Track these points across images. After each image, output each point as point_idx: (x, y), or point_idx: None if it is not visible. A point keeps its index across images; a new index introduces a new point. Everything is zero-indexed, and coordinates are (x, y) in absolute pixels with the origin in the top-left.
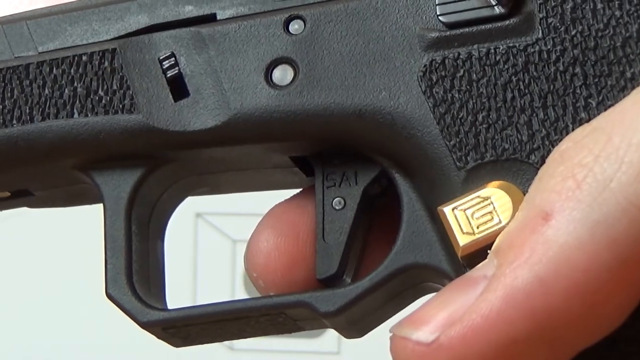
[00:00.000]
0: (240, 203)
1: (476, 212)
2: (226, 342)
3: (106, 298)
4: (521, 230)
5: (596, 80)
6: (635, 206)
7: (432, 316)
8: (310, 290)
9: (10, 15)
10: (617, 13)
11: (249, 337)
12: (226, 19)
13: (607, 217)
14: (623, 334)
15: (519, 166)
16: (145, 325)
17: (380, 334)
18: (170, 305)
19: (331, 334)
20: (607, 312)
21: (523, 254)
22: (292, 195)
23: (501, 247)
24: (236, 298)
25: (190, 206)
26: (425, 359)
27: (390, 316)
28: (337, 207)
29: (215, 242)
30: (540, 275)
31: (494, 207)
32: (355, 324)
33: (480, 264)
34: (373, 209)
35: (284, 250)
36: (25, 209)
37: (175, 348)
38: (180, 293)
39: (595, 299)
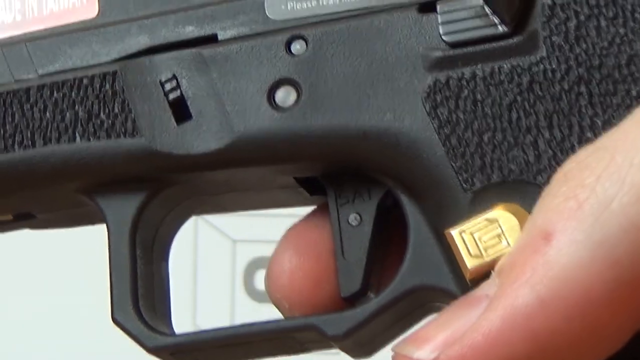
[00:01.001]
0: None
1: (484, 235)
2: None
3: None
4: (523, 250)
5: (601, 99)
6: (636, 227)
7: (433, 335)
8: (317, 314)
9: (9, 37)
10: (622, 31)
11: (256, 359)
12: (227, 39)
13: (608, 238)
14: (625, 356)
15: (526, 187)
16: (153, 351)
17: None
18: (173, 306)
19: None
20: (609, 334)
21: (524, 273)
22: (307, 214)
23: (503, 267)
24: (236, 298)
25: None
26: None
27: (399, 335)
28: (353, 224)
29: (215, 242)
30: (541, 295)
31: (502, 230)
32: (363, 345)
33: (484, 283)
34: (389, 222)
35: (307, 270)
36: None
37: None
38: (180, 293)
39: (596, 320)
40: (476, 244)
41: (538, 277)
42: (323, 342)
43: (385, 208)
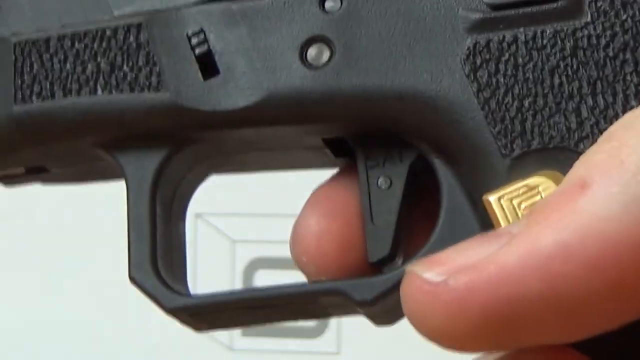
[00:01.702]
0: (240, 203)
1: (523, 201)
2: (226, 342)
3: (129, 282)
4: (557, 196)
5: None
6: None
7: (447, 259)
8: (344, 278)
9: None
10: None
11: (275, 322)
12: None
13: None
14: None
15: (567, 155)
16: (172, 311)
17: (381, 335)
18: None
19: (331, 334)
20: (629, 296)
21: (553, 217)
22: (332, 175)
23: (534, 210)
24: None
25: (190, 206)
26: (427, 298)
27: None
28: (383, 187)
29: (215, 242)
30: (565, 240)
31: (542, 197)
32: (388, 312)
33: (512, 223)
34: (423, 186)
35: (335, 233)
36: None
37: (175, 348)
38: None
39: (618, 276)
40: (515, 210)
41: (565, 223)
42: (348, 307)
43: (417, 172)
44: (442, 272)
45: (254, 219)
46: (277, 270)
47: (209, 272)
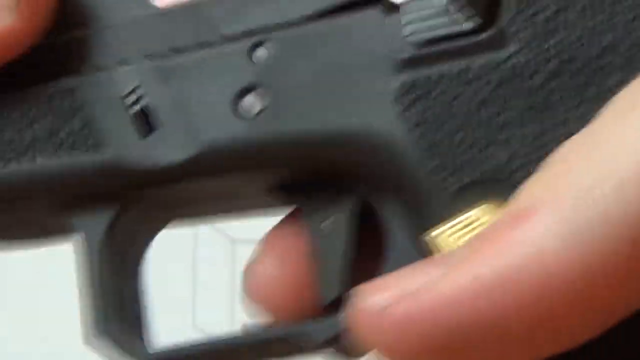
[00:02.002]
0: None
1: (463, 236)
2: None
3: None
4: (498, 226)
5: (574, 92)
6: (614, 217)
7: (391, 286)
8: (299, 322)
9: None
10: (590, 24)
11: None
12: (188, 51)
13: (584, 225)
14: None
15: (502, 187)
16: None
17: None
18: (170, 301)
19: None
20: (571, 324)
21: (492, 247)
22: (282, 218)
23: (475, 239)
24: (236, 298)
25: None
26: (370, 322)
27: None
28: (327, 230)
29: (215, 242)
30: (503, 270)
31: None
32: (349, 350)
33: (458, 248)
34: (367, 223)
35: (287, 277)
36: None
37: None
38: (180, 293)
39: (557, 306)
40: (456, 246)
41: (504, 252)
42: (306, 350)
43: (361, 211)
44: (384, 298)
45: (254, 218)
46: None
47: (209, 272)
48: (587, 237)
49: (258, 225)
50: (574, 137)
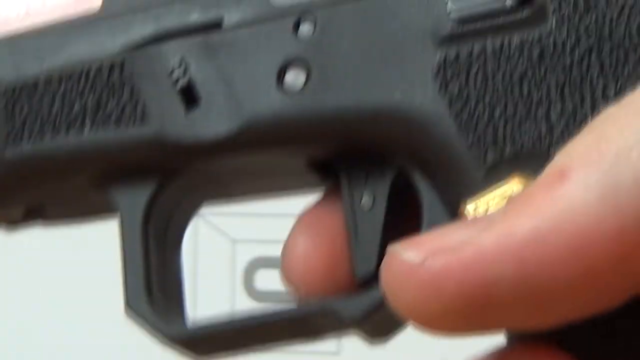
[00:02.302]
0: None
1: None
2: None
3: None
4: (535, 186)
5: (613, 68)
6: None
7: (427, 242)
8: (333, 297)
9: (14, 31)
10: (630, 1)
11: (273, 346)
12: (233, 24)
13: (619, 186)
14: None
15: (539, 160)
16: (168, 342)
17: None
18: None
19: None
20: (601, 286)
21: (530, 204)
22: (319, 197)
23: (513, 199)
24: (236, 298)
25: None
26: (405, 277)
27: None
28: (366, 206)
29: (215, 242)
30: (539, 226)
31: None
32: (380, 329)
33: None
34: (403, 202)
35: (322, 254)
36: None
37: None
38: None
39: (590, 265)
40: None
41: (542, 210)
42: (340, 326)
43: (399, 189)
44: (421, 252)
45: (254, 218)
46: (277, 269)
47: (209, 272)
48: (623, 197)
49: (258, 225)
50: (612, 107)
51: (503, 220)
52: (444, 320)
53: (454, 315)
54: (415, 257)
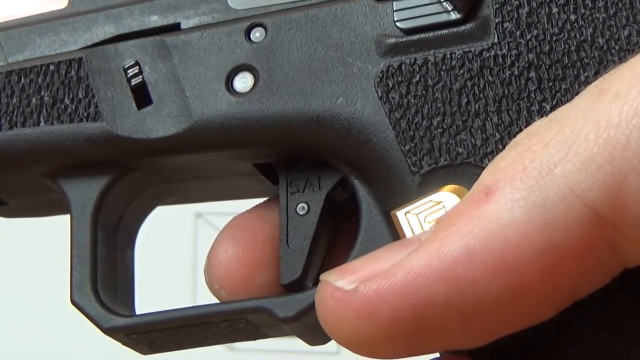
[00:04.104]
0: (240, 203)
1: (428, 215)
2: None
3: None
4: (463, 204)
5: (550, 84)
6: (575, 194)
7: (359, 268)
8: (269, 295)
9: None
10: (572, 17)
11: (214, 343)
12: (190, 28)
13: (545, 201)
14: (548, 335)
15: (472, 170)
16: (108, 332)
17: None
18: (173, 305)
19: None
20: (532, 300)
21: (458, 223)
22: (250, 207)
23: (441, 218)
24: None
25: (190, 206)
26: (339, 305)
27: None
28: (300, 213)
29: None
30: (469, 245)
31: (446, 211)
32: (315, 330)
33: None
34: (339, 214)
35: (243, 259)
36: None
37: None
38: (181, 293)
39: (520, 280)
40: (420, 224)
41: (470, 228)
42: (276, 325)
43: (336, 201)
44: (353, 280)
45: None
46: None
47: None
48: (549, 212)
49: None
50: (538, 122)
51: (432, 240)
52: (382, 345)
53: (392, 339)
54: (348, 284)
